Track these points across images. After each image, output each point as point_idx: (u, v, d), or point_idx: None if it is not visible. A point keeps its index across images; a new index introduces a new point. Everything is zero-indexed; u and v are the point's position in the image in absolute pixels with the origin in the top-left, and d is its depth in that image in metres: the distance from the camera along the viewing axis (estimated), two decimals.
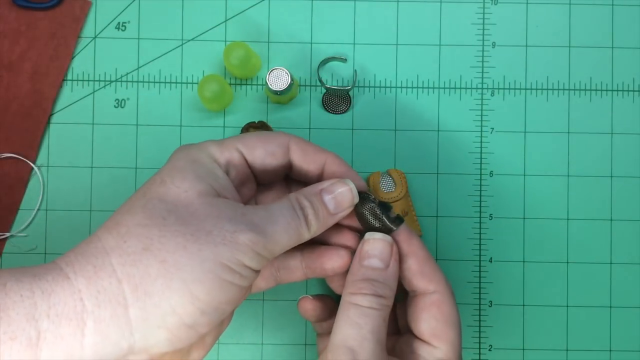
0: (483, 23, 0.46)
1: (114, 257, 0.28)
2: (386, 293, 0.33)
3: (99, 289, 0.27)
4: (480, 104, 0.45)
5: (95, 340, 0.27)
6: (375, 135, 0.45)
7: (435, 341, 0.33)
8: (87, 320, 0.27)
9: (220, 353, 0.44)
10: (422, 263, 0.34)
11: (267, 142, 0.33)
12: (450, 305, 0.34)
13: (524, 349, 0.45)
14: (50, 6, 0.45)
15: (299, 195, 0.32)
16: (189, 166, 0.31)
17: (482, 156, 0.45)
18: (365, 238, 0.34)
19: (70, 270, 0.28)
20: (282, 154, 0.34)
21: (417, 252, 0.34)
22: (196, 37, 0.46)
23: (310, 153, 0.34)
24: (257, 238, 0.29)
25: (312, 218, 0.32)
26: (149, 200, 0.30)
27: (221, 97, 0.43)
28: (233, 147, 0.33)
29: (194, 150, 0.32)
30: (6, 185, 0.44)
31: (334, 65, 0.46)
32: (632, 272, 0.45)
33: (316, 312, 0.38)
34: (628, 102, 0.46)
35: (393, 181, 0.43)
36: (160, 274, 0.28)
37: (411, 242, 0.34)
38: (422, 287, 0.34)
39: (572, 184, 0.45)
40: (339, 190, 0.33)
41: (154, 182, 0.31)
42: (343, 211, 0.33)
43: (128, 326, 0.27)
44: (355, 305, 0.32)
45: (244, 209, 0.30)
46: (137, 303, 0.27)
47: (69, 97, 0.45)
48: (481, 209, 0.45)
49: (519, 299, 0.45)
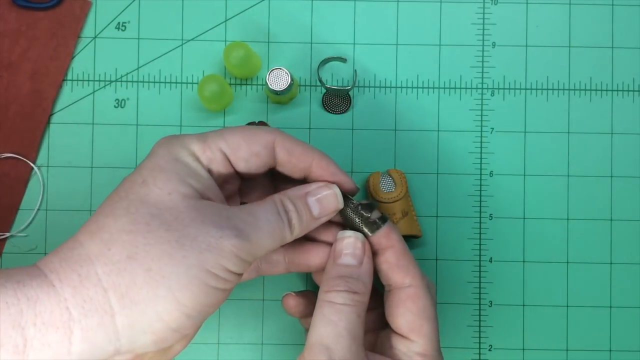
0: (483, 23, 0.46)
1: (99, 266, 0.28)
2: (360, 289, 0.33)
3: (85, 298, 0.27)
4: (480, 104, 0.45)
5: (83, 347, 0.27)
6: (375, 135, 0.45)
7: (413, 335, 0.33)
8: (74, 329, 0.27)
9: (220, 353, 0.44)
10: (399, 256, 0.34)
11: (251, 142, 0.33)
12: (425, 298, 0.34)
13: (524, 349, 0.45)
14: (50, 6, 0.45)
15: (283, 198, 0.32)
16: (171, 166, 0.30)
17: (482, 156, 0.45)
18: (338, 237, 0.35)
19: (55, 278, 0.27)
20: (266, 155, 0.33)
21: (395, 245, 0.34)
22: (196, 37, 0.46)
23: (296, 154, 0.34)
24: (241, 244, 0.29)
25: (296, 222, 0.32)
26: (131, 202, 0.29)
27: (221, 97, 0.43)
28: (216, 148, 0.32)
29: (176, 146, 0.31)
30: (6, 185, 0.44)
31: (334, 65, 0.46)
32: (632, 272, 0.45)
33: (299, 308, 0.38)
34: (628, 102, 0.46)
35: (393, 181, 0.43)
36: (146, 282, 0.27)
37: (390, 235, 0.34)
38: (399, 280, 0.34)
39: (572, 184, 0.45)
40: (323, 194, 0.33)
41: (134, 182, 0.30)
42: (326, 216, 0.33)
43: (115, 333, 0.27)
44: (329, 303, 0.32)
45: (228, 212, 0.30)
46: (123, 311, 0.27)
47: (69, 97, 0.45)
48: (481, 209, 0.45)
49: (519, 299, 0.45)
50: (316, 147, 0.35)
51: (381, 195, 0.43)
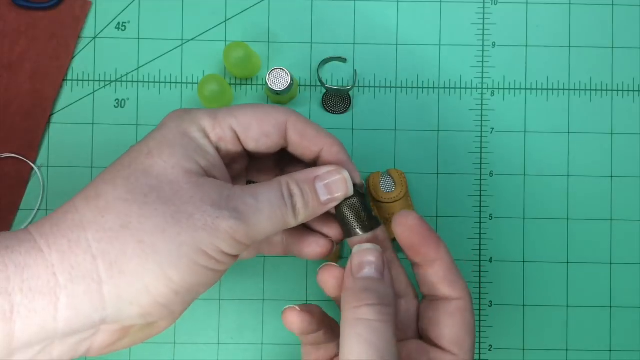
0: (483, 23, 0.46)
1: (90, 233, 0.27)
2: (390, 301, 0.31)
3: (73, 264, 0.27)
4: (480, 104, 0.45)
5: (69, 314, 0.27)
6: (375, 135, 0.45)
7: (455, 348, 0.32)
8: (60, 295, 0.27)
9: (220, 353, 0.44)
10: (448, 269, 0.33)
11: (262, 122, 0.32)
12: (472, 313, 0.32)
13: (524, 349, 0.45)
14: (50, 6, 0.45)
15: (290, 181, 0.31)
16: (179, 140, 0.30)
17: (482, 156, 0.45)
18: (354, 251, 0.32)
19: (44, 244, 0.27)
20: (277, 135, 0.32)
21: (444, 257, 0.33)
22: (196, 37, 0.46)
23: (308, 136, 0.33)
24: (238, 226, 0.28)
25: (301, 207, 0.31)
26: (132, 172, 0.29)
27: (221, 97, 0.43)
28: (226, 125, 0.31)
29: (186, 121, 0.31)
30: (6, 185, 0.44)
31: (334, 65, 0.46)
32: (632, 272, 0.45)
33: (303, 325, 0.34)
34: (628, 102, 0.46)
35: (393, 181, 0.43)
36: (136, 254, 0.27)
37: (439, 248, 0.33)
38: (447, 293, 0.33)
39: (572, 184, 0.45)
40: (333, 179, 0.32)
41: (140, 152, 0.29)
42: (334, 202, 0.32)
43: (101, 302, 0.27)
44: (363, 321, 0.29)
45: (229, 192, 0.29)
46: (111, 280, 0.27)
47: (69, 97, 0.45)
48: (481, 209, 0.45)
49: (519, 299, 0.45)
50: (329, 132, 0.34)
51: (381, 195, 0.43)
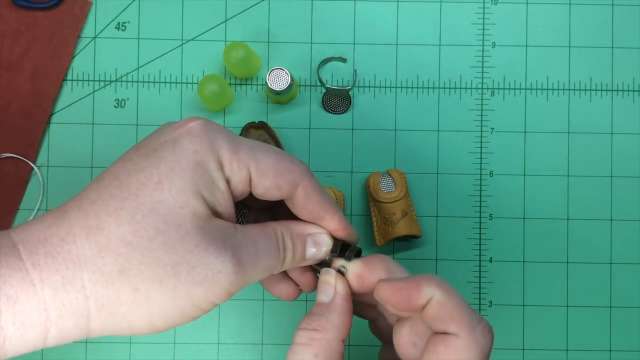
0: (483, 23, 0.46)
1: (86, 273, 0.27)
2: (322, 325, 0.31)
3: (65, 302, 0.27)
4: (480, 104, 0.45)
5: (56, 341, 0.28)
6: (375, 135, 0.45)
7: None
8: (50, 328, 0.27)
9: (220, 353, 0.44)
10: (443, 305, 0.29)
11: (279, 174, 0.31)
12: (471, 353, 0.29)
13: (524, 349, 0.45)
14: (50, 6, 0.45)
15: (285, 234, 0.32)
16: (192, 171, 0.29)
17: (482, 156, 0.45)
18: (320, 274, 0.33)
19: (37, 277, 0.27)
20: (287, 191, 0.32)
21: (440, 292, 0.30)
22: (196, 37, 0.46)
23: (312, 202, 0.32)
24: (237, 280, 0.29)
25: (289, 259, 0.32)
26: (140, 206, 0.28)
27: (221, 97, 0.43)
28: (245, 166, 0.30)
29: (205, 145, 0.29)
30: (6, 185, 0.44)
31: (334, 65, 0.46)
32: (632, 272, 0.45)
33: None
34: (628, 102, 0.46)
35: (393, 181, 0.43)
36: (129, 300, 0.28)
37: (426, 290, 0.30)
38: (441, 328, 0.29)
39: (572, 184, 0.45)
40: (322, 240, 0.33)
41: (150, 178, 0.28)
42: (314, 261, 0.33)
43: (87, 332, 0.28)
44: (292, 344, 0.31)
45: (234, 241, 0.29)
46: (99, 319, 0.28)
47: (69, 97, 0.45)
48: (481, 209, 0.45)
49: (519, 299, 0.45)
50: (333, 201, 0.34)
51: (381, 195, 0.43)
